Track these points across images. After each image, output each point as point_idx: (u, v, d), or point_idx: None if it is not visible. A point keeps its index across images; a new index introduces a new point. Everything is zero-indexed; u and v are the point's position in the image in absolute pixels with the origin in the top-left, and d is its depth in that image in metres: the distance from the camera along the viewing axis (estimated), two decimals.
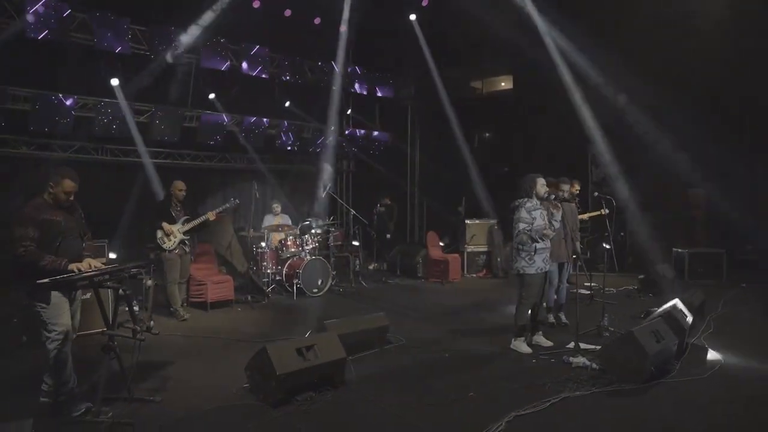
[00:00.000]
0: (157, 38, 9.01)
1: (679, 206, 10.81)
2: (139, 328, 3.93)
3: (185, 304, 7.37)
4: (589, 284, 8.69)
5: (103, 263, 4.24)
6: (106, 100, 8.73)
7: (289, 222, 9.17)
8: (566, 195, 6.33)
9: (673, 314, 5.31)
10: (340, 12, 11.53)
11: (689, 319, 5.56)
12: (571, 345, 5.46)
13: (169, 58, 9.04)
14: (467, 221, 10.62)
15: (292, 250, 8.49)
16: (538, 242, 5.40)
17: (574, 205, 6.83)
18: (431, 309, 7.70)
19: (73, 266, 3.87)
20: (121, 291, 3.84)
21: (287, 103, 11.02)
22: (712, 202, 10.53)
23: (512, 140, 13.39)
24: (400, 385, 4.59)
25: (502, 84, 14.96)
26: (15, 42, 7.66)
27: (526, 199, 5.55)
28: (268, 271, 8.33)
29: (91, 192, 8.48)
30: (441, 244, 11.01)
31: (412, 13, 11.98)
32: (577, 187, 7.09)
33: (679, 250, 9.67)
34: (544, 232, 5.38)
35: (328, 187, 9.28)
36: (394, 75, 13.24)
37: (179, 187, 6.95)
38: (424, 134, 14.24)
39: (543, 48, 10.96)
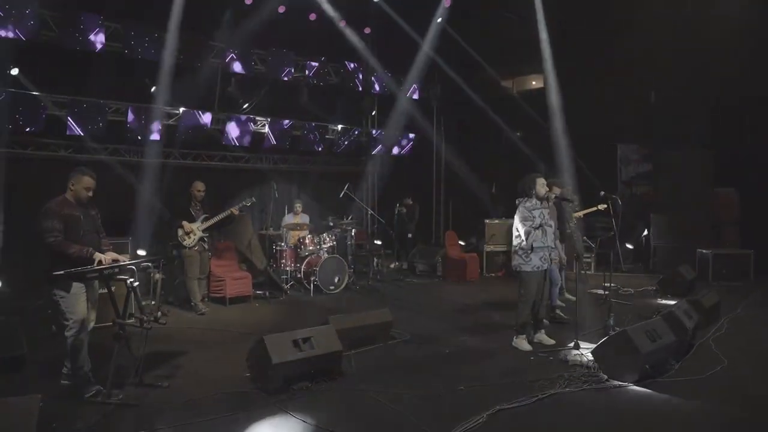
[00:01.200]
0: (185, 45, 9.43)
1: (708, 206, 10.56)
2: (146, 318, 4.22)
3: (206, 299, 7.74)
4: (608, 284, 8.71)
5: (123, 259, 4.59)
6: (137, 104, 9.19)
7: (308, 221, 9.45)
8: (565, 195, 6.39)
9: (676, 314, 5.28)
10: (365, 14, 11.80)
11: (693, 319, 5.51)
12: (572, 343, 5.51)
13: (197, 63, 9.47)
14: (486, 221, 10.67)
15: (310, 248, 8.75)
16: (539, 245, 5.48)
17: (573, 204, 6.86)
18: (442, 307, 7.83)
19: (97, 256, 4.23)
20: (128, 283, 4.14)
21: (304, 100, 11.25)
22: (745, 202, 10.31)
23: (541, 139, 13.40)
24: (395, 378, 4.75)
25: (533, 83, 14.91)
26: (53, 51, 8.24)
27: (525, 199, 5.62)
28: (287, 268, 8.62)
29: (123, 192, 9.11)
30: (461, 243, 11.09)
31: (438, 15, 12.07)
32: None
33: (704, 251, 9.46)
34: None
35: (346, 187, 9.48)
36: (421, 76, 13.35)
37: (198, 187, 7.32)
38: (451, 134, 14.31)
39: (568, 47, 10.97)
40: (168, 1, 9.11)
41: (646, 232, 10.71)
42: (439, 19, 11.98)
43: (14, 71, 7.98)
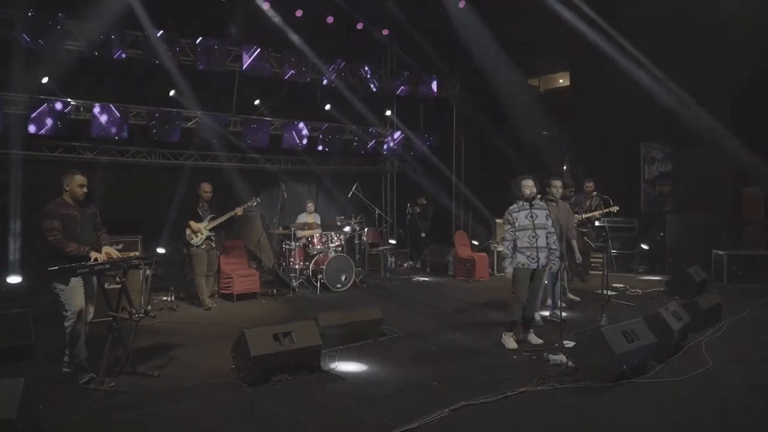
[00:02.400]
0: (203, 50, 9.83)
1: (730, 206, 10.29)
2: (134, 311, 4.52)
3: (216, 296, 8.10)
4: (613, 285, 8.66)
5: (119, 254, 4.92)
6: (160, 108, 9.63)
7: (319, 221, 9.70)
8: (558, 194, 6.40)
9: (661, 315, 5.24)
10: (382, 16, 11.97)
11: (683, 321, 5.46)
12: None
13: (215, 67, 9.85)
14: (497, 220, 10.67)
15: (318, 247, 8.99)
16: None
17: (568, 205, 6.86)
18: (443, 305, 7.93)
19: (93, 254, 4.57)
20: (117, 279, 4.45)
21: (327, 107, 11.48)
22: None
23: (567, 138, 13.33)
24: (374, 374, 4.91)
25: (560, 81, 14.78)
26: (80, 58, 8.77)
27: (514, 204, 5.67)
28: (296, 266, 8.89)
29: (145, 192, 9.57)
30: (475, 243, 11.14)
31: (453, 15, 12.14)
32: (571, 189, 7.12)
33: (719, 252, 9.22)
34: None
35: (354, 187, 9.69)
36: (438, 76, 13.44)
37: (205, 188, 7.66)
38: (470, 135, 14.32)
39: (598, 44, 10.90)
40: (187, 8, 9.57)
41: (661, 234, 10.49)
42: (456, 18, 12.01)
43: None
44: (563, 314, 6.71)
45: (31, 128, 8.43)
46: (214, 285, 8.04)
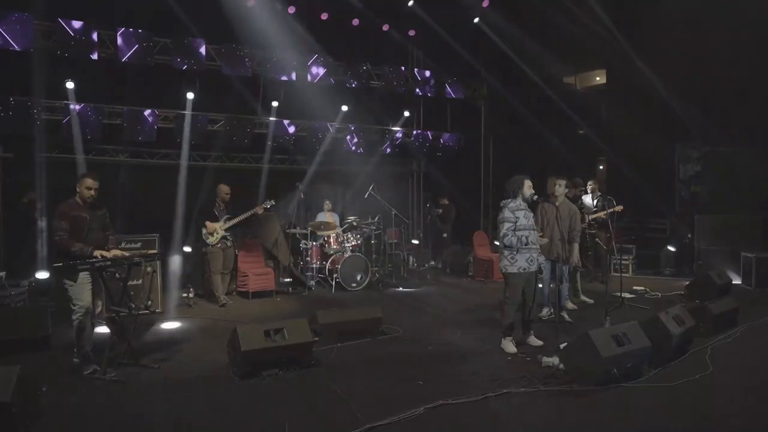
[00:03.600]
0: (228, 55, 10.17)
1: (764, 208, 9.82)
2: (134, 305, 4.79)
3: (234, 293, 8.39)
4: (636, 288, 8.47)
5: (125, 254, 5.20)
6: (184, 112, 10.02)
7: (338, 220, 9.86)
8: (561, 194, 6.32)
9: (660, 319, 5.11)
10: (408, 18, 12.05)
11: (685, 325, 5.29)
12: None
13: (238, 72, 10.19)
14: None
15: (335, 246, 9.16)
16: (525, 245, 5.49)
17: (574, 205, 6.75)
18: (452, 306, 7.95)
19: (97, 252, 4.86)
20: (117, 275, 4.72)
21: (344, 108, 11.63)
22: None
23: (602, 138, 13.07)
24: (364, 371, 5.01)
25: (597, 78, 14.45)
26: (106, 66, 9.25)
27: (510, 200, 5.65)
28: (312, 266, 9.08)
29: (172, 192, 9.98)
30: (497, 243, 11.02)
31: (476, 16, 12.12)
32: (581, 189, 6.97)
33: (748, 254, 8.83)
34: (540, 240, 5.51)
35: (371, 188, 9.80)
36: (466, 76, 13.39)
37: (225, 190, 7.95)
38: (498, 135, 14.19)
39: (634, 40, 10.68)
40: (212, 15, 9.94)
41: (689, 235, 10.12)
42: (476, 20, 11.96)
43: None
44: (568, 318, 6.72)
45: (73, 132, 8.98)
46: (231, 283, 8.33)
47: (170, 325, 6.68)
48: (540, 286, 6.46)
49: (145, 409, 4.13)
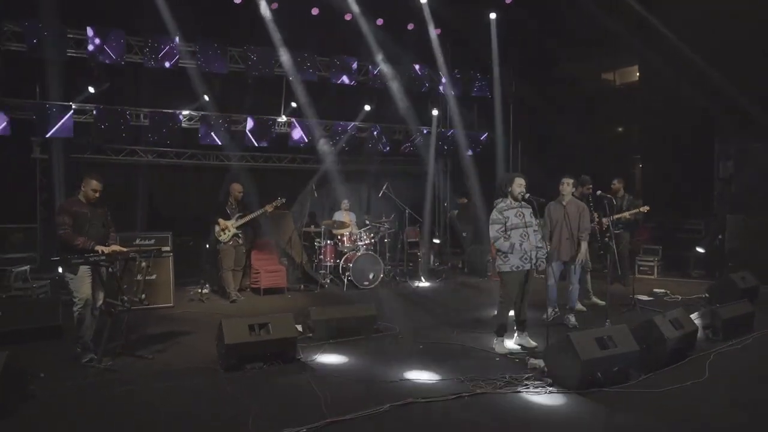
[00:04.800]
0: (252, 58, 10.42)
1: None
2: (126, 298, 5.01)
3: (247, 289, 8.62)
4: (657, 290, 8.20)
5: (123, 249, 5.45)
6: (206, 113, 10.34)
7: (354, 219, 9.95)
8: (569, 193, 6.15)
9: (654, 323, 4.91)
10: (434, 16, 12.01)
11: (683, 329, 5.07)
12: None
13: (265, 70, 10.45)
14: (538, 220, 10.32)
15: (348, 245, 9.24)
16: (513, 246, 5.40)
17: (585, 205, 6.57)
18: (457, 305, 7.92)
19: (98, 247, 5.12)
20: (110, 269, 4.95)
21: (366, 107, 11.69)
22: None
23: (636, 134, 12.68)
24: (348, 367, 5.06)
25: (637, 75, 13.99)
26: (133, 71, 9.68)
27: (500, 200, 5.57)
28: (326, 263, 9.19)
29: (195, 191, 10.34)
30: None
31: (493, 12, 11.96)
32: (589, 186, 6.77)
33: None
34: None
35: (385, 186, 9.83)
36: (492, 74, 13.21)
37: (238, 189, 8.17)
38: (526, 133, 13.92)
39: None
40: (233, 18, 10.23)
41: (720, 237, 9.63)
42: (493, 15, 11.77)
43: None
44: (573, 320, 6.54)
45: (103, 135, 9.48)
46: (244, 280, 8.55)
47: (177, 319, 6.93)
48: (550, 283, 6.35)
49: (126, 397, 4.31)
